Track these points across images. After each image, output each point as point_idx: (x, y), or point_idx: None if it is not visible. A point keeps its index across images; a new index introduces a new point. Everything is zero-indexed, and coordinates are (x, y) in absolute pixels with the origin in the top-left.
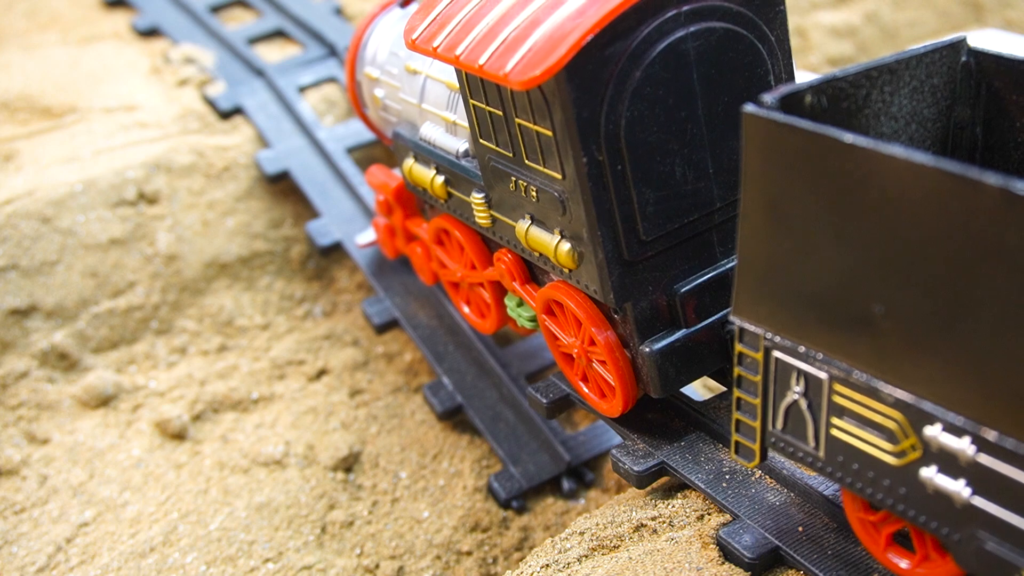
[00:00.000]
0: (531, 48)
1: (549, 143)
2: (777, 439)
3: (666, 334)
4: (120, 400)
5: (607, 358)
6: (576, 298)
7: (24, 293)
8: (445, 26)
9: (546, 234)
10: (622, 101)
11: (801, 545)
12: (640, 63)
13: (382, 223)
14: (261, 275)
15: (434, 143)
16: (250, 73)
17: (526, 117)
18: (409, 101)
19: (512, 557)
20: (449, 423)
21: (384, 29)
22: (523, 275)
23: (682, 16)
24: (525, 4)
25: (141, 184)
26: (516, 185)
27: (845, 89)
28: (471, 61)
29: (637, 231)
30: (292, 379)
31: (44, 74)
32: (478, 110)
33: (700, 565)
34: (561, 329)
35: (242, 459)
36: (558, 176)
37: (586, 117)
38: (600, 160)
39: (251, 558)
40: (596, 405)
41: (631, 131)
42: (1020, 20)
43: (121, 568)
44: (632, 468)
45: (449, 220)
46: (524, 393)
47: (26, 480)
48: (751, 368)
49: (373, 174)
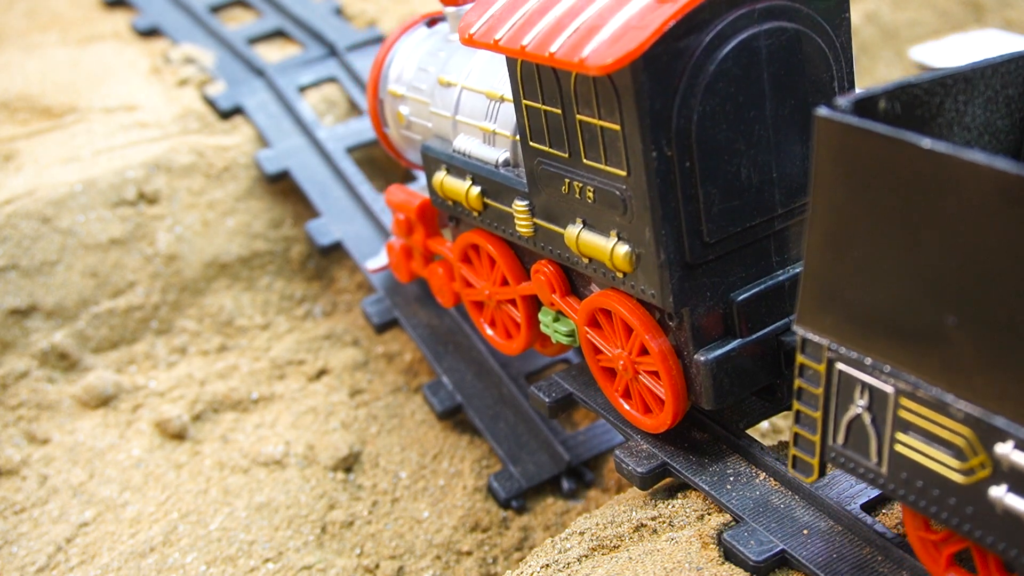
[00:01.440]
0: (609, 35)
1: (615, 138)
2: (837, 454)
3: (721, 343)
4: (120, 400)
5: (660, 367)
6: (627, 305)
7: (24, 293)
8: (506, 20)
9: (600, 237)
10: (695, 95)
11: (806, 548)
12: (714, 57)
13: (397, 245)
14: (261, 275)
15: (470, 154)
16: (250, 73)
17: (590, 112)
18: (442, 114)
19: (512, 557)
20: (449, 423)
21: (410, 47)
22: (564, 287)
23: (756, 13)
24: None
25: (141, 184)
26: (570, 187)
27: (919, 96)
28: (539, 51)
29: (701, 232)
30: (292, 379)
31: (44, 74)
32: (531, 111)
33: (700, 565)
34: (606, 341)
35: (242, 459)
36: (622, 173)
37: (658, 110)
38: (669, 156)
39: (251, 558)
40: (638, 422)
41: (702, 127)
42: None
43: (121, 568)
44: (636, 469)
45: (481, 234)
46: (524, 392)
47: (26, 480)
48: (812, 380)
49: (393, 193)
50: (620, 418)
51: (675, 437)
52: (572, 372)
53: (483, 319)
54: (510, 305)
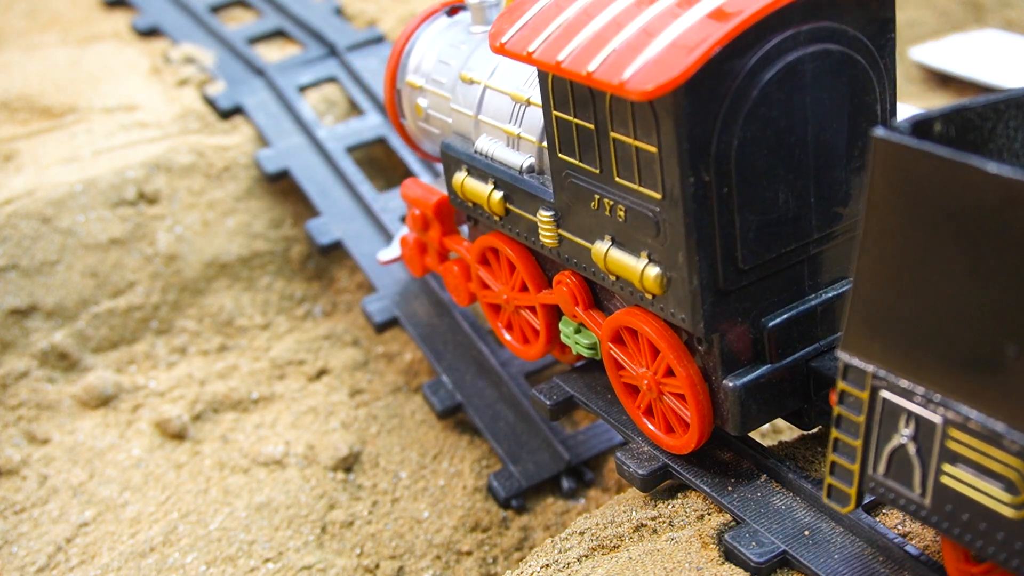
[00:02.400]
0: (652, 57)
1: (650, 160)
2: (877, 484)
3: (750, 369)
4: (120, 400)
5: (687, 391)
6: (655, 326)
7: (24, 293)
8: (540, 30)
9: (630, 257)
10: (736, 120)
11: (808, 549)
12: (757, 82)
13: (411, 239)
14: (261, 275)
15: (493, 157)
16: (250, 73)
17: (624, 131)
18: (463, 112)
19: (512, 557)
20: (449, 423)
21: (431, 37)
22: (587, 299)
23: (802, 35)
24: (636, 12)
25: (141, 184)
26: (599, 204)
27: (973, 120)
28: (576, 68)
29: (735, 258)
30: (292, 379)
31: (44, 74)
32: (562, 122)
33: (700, 565)
34: (630, 359)
35: (242, 459)
36: (656, 196)
37: (698, 135)
38: (707, 181)
39: (251, 558)
40: (660, 441)
41: (742, 152)
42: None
43: (121, 568)
44: (637, 471)
45: (500, 238)
46: (524, 392)
47: (26, 480)
48: (854, 408)
49: (409, 188)
50: (621, 421)
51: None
52: (573, 374)
53: (500, 322)
54: (529, 311)
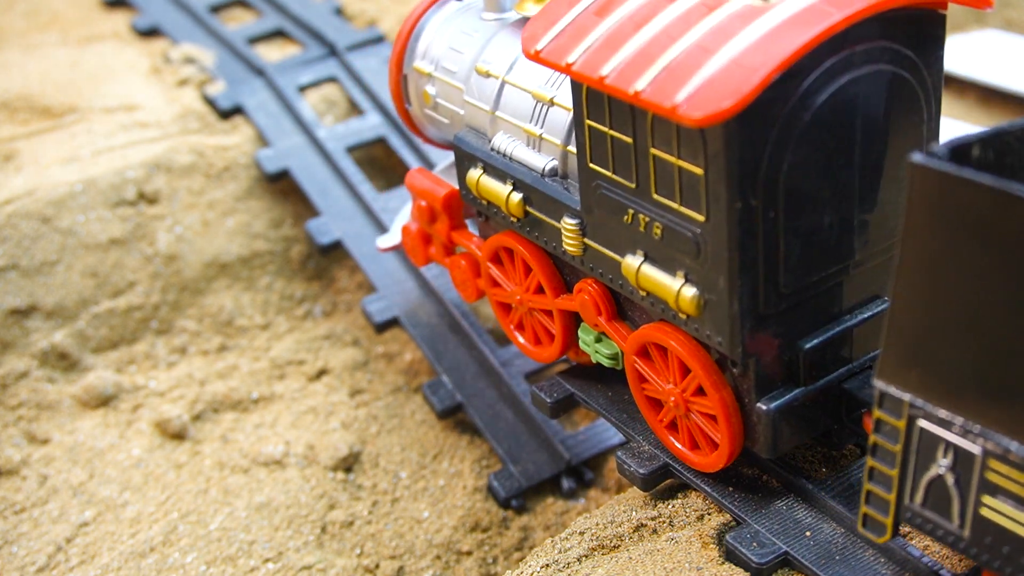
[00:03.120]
0: (706, 80)
1: (694, 181)
2: (914, 514)
3: (784, 391)
4: (120, 400)
5: (719, 413)
6: (687, 344)
7: (24, 293)
8: (580, 39)
9: (665, 275)
10: (787, 145)
11: (809, 550)
12: (810, 105)
13: (414, 228)
14: (261, 275)
15: (512, 156)
16: (250, 72)
17: (667, 149)
18: (477, 106)
19: (512, 557)
20: (449, 423)
21: (440, 21)
22: (610, 309)
23: (856, 56)
24: (684, 27)
25: (141, 184)
26: (633, 219)
27: (1011, 144)
28: (622, 85)
29: (777, 283)
30: (292, 379)
31: (44, 74)
32: (595, 132)
33: (700, 565)
34: (656, 374)
35: (242, 459)
36: (699, 217)
37: (747, 159)
38: (754, 205)
39: (251, 558)
40: (687, 459)
41: (791, 177)
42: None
43: (121, 568)
44: (638, 471)
45: (516, 239)
46: (524, 391)
47: (26, 480)
48: (890, 437)
49: (416, 178)
50: (622, 419)
51: None
52: (573, 372)
53: (511, 322)
54: (543, 314)
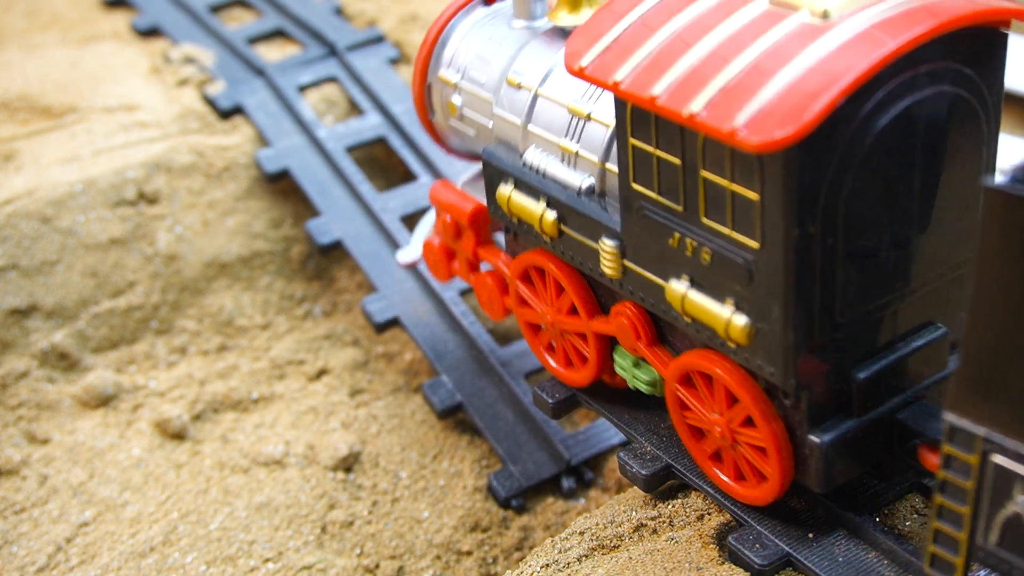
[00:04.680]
0: (767, 104)
1: (748, 207)
2: (988, 554)
3: (836, 423)
4: (120, 400)
5: (770, 446)
6: (735, 374)
7: (24, 293)
8: (626, 56)
9: (713, 302)
10: (848, 170)
11: (812, 552)
12: (872, 128)
13: (436, 243)
14: (261, 275)
15: (546, 173)
16: (250, 72)
17: (719, 172)
18: (508, 119)
19: (512, 557)
20: (449, 423)
21: (467, 28)
22: (650, 334)
23: (918, 78)
24: (739, 46)
25: (141, 184)
26: (680, 242)
27: None
28: (675, 107)
29: (833, 312)
30: (292, 379)
31: (44, 74)
32: (639, 152)
33: (700, 565)
34: (700, 403)
35: (242, 459)
36: (753, 244)
37: (807, 185)
38: (812, 233)
39: (251, 558)
40: (733, 492)
41: (851, 203)
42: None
43: (121, 568)
44: (640, 471)
45: (548, 258)
46: (524, 392)
47: (26, 480)
48: (962, 472)
49: (440, 192)
50: (623, 419)
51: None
52: None
53: (540, 343)
54: (576, 336)
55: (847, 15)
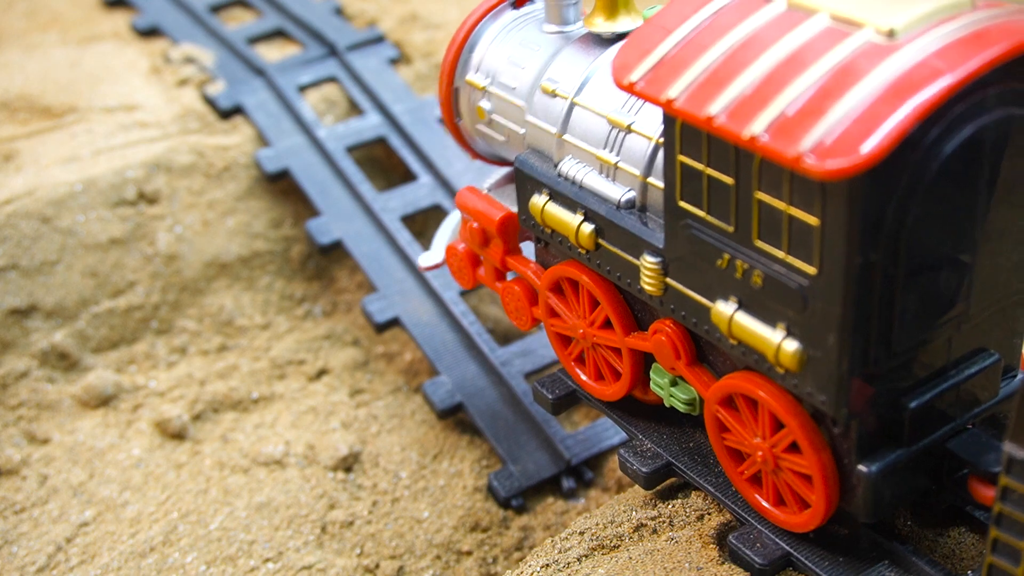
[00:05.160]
0: (834, 128)
1: (807, 232)
2: None
3: (886, 452)
4: (120, 400)
5: (816, 474)
6: (782, 399)
7: (24, 293)
8: (679, 72)
9: (763, 326)
10: (914, 196)
11: (812, 552)
12: (939, 153)
13: (461, 249)
14: (261, 275)
15: (583, 185)
16: (250, 72)
17: (775, 194)
18: (542, 127)
19: (512, 557)
20: (449, 423)
21: (496, 32)
22: (690, 353)
23: (988, 100)
24: (800, 66)
25: (141, 184)
26: (729, 264)
27: None
28: (735, 129)
29: (889, 341)
30: (292, 379)
31: (44, 74)
32: (688, 169)
33: (700, 565)
34: (741, 426)
35: (242, 459)
36: (809, 270)
37: (871, 212)
38: (873, 260)
39: (251, 558)
40: (770, 514)
41: (914, 230)
42: None
43: (121, 568)
44: (640, 469)
45: (582, 270)
46: (524, 391)
47: (26, 480)
48: (1020, 505)
49: (467, 198)
50: (624, 418)
51: (680, 437)
52: None
53: (570, 355)
54: (608, 350)
55: (915, 35)
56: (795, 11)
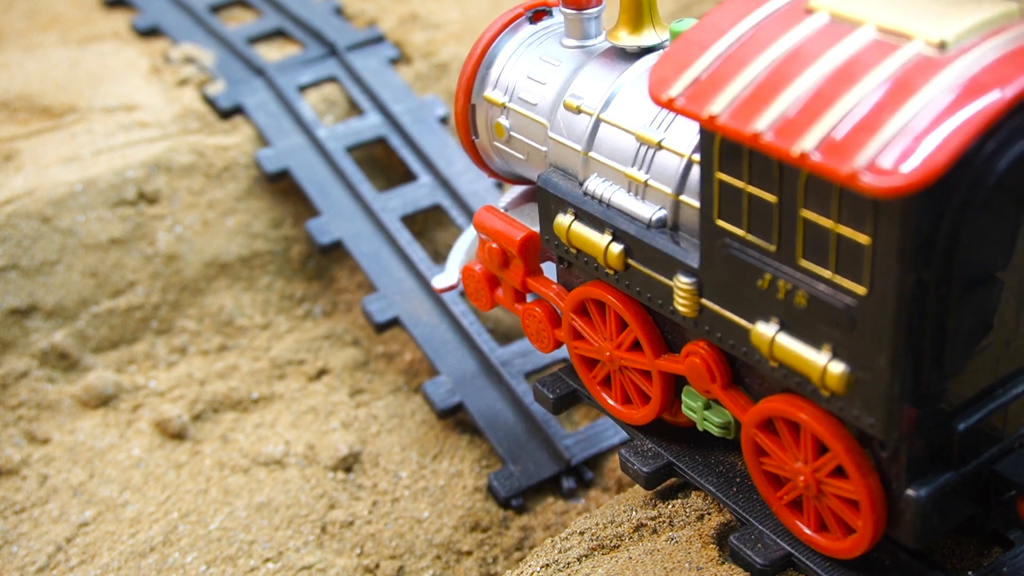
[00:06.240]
0: (889, 144)
1: (856, 250)
2: None
3: (934, 475)
4: (120, 400)
5: (864, 500)
6: (826, 423)
7: (24, 293)
8: (721, 87)
9: (807, 348)
10: (968, 213)
11: (813, 551)
12: (994, 169)
13: (478, 270)
14: (261, 275)
15: (611, 203)
16: (250, 72)
17: (822, 211)
18: (567, 144)
19: (512, 557)
20: (449, 422)
21: (514, 47)
22: (726, 376)
23: None
24: (849, 80)
25: (141, 184)
26: (771, 284)
27: None
28: (783, 145)
29: (941, 363)
30: (292, 379)
31: (44, 74)
32: (727, 187)
33: (700, 565)
34: (781, 450)
35: (242, 459)
36: (859, 290)
37: (925, 230)
38: (926, 279)
39: (251, 558)
40: (812, 541)
41: (967, 248)
42: None
43: (121, 568)
44: (641, 469)
45: (609, 291)
46: (524, 391)
47: (26, 480)
48: None
49: (486, 218)
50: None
51: (681, 436)
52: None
53: (595, 378)
54: (636, 373)
55: (967, 47)
56: (839, 23)
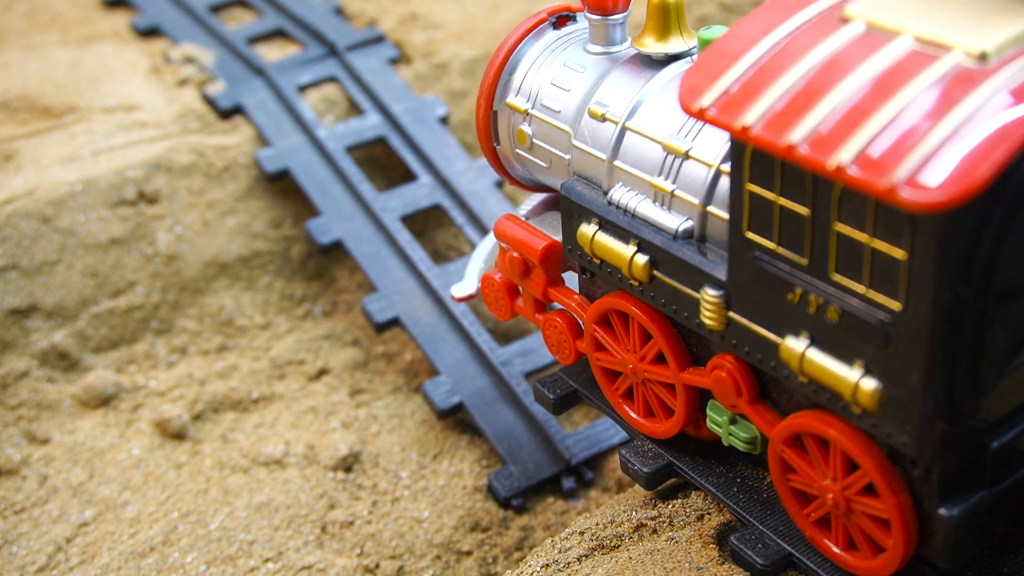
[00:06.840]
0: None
1: (892, 264)
2: None
3: (967, 494)
4: (120, 400)
5: (895, 519)
6: (857, 440)
7: (24, 293)
8: (754, 98)
9: (838, 364)
10: (1008, 228)
11: (813, 552)
12: None
13: (498, 279)
14: (261, 275)
15: (637, 214)
16: (250, 72)
17: (857, 225)
18: (591, 153)
19: (512, 557)
20: (449, 422)
21: (537, 53)
22: (753, 390)
23: None
24: (887, 92)
25: (141, 184)
26: (802, 298)
27: None
28: (819, 158)
29: (977, 380)
30: (292, 379)
31: (44, 74)
32: (757, 199)
33: (700, 565)
34: (809, 467)
35: (242, 459)
36: (893, 305)
37: (964, 245)
38: (963, 295)
39: (251, 558)
40: (840, 559)
41: (1006, 264)
42: None
43: (121, 568)
44: (641, 469)
45: (633, 303)
46: (524, 391)
47: (26, 480)
48: None
49: (507, 227)
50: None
51: (681, 436)
52: (576, 368)
53: (617, 390)
54: (660, 386)
55: (1008, 58)
56: (875, 33)
